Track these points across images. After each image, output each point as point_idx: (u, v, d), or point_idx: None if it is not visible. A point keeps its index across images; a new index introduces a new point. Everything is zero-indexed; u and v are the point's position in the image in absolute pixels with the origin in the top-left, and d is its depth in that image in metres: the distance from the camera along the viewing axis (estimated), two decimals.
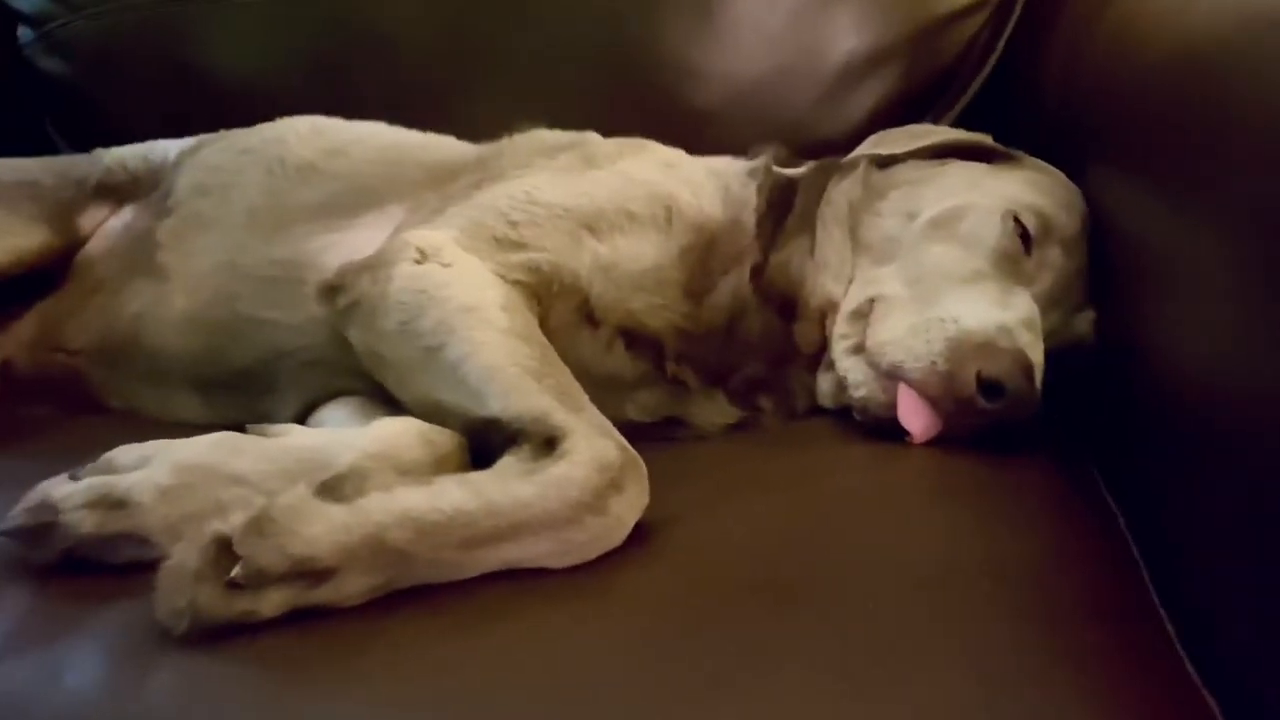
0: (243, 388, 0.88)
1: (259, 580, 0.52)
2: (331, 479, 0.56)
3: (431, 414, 0.68)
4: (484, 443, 0.65)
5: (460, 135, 1.06)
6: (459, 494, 0.56)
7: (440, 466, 0.62)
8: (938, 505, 0.66)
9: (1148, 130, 0.72)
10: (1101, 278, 0.81)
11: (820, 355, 0.84)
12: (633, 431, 0.69)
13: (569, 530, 0.57)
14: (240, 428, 0.67)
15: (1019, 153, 0.91)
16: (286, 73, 1.27)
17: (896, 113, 1.16)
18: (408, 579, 0.56)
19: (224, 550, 0.52)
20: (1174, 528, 0.61)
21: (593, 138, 0.97)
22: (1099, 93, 0.88)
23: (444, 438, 0.64)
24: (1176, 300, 0.64)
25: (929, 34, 1.18)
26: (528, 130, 1.01)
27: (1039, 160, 0.91)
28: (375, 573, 0.54)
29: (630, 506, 0.60)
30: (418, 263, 0.75)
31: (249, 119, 1.09)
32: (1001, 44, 1.18)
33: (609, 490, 0.58)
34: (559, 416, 0.61)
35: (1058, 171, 0.89)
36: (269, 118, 1.08)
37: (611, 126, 1.00)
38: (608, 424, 0.63)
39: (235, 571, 0.52)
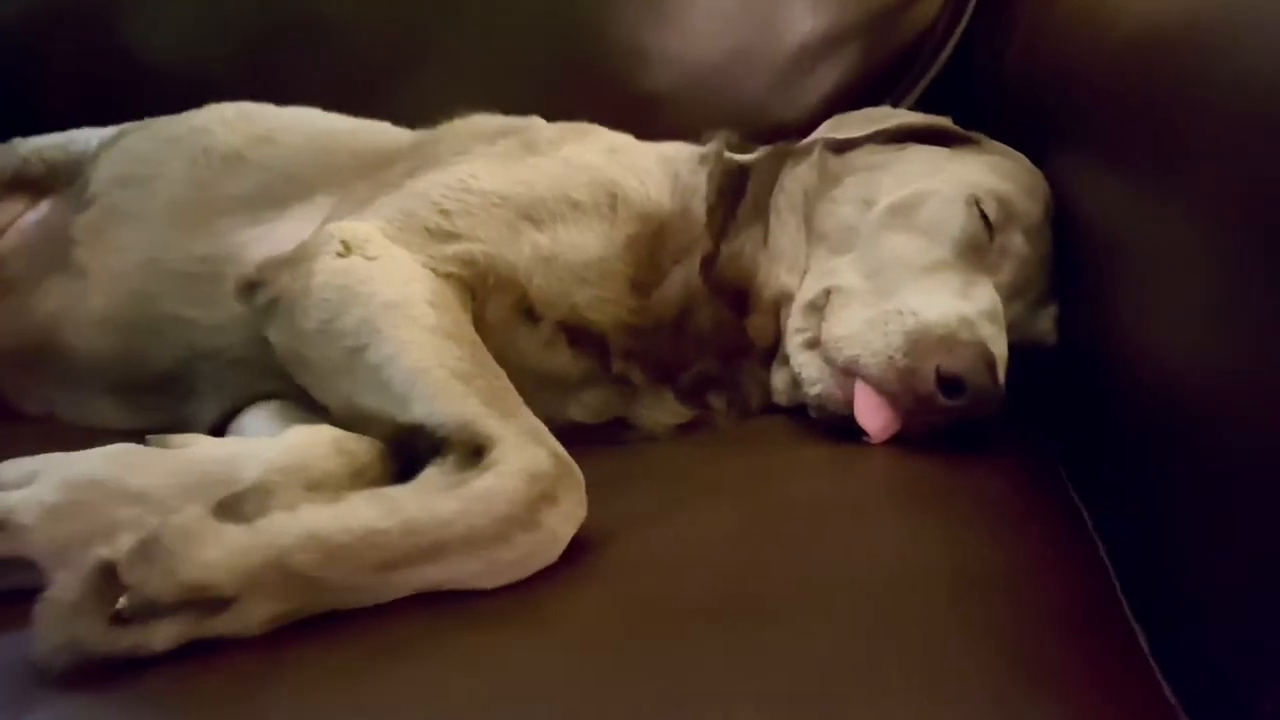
0: (163, 391, 0.83)
1: (148, 611, 0.47)
2: (231, 496, 0.51)
3: (356, 421, 0.63)
4: (410, 452, 0.60)
5: (399, 121, 1.01)
6: (372, 511, 0.51)
7: (358, 479, 0.58)
8: (897, 511, 0.62)
9: (1114, 111, 0.69)
10: (1066, 268, 0.78)
11: (775, 350, 0.80)
12: (577, 434, 0.65)
13: (497, 548, 0.52)
14: (163, 433, 0.62)
15: (980, 136, 0.88)
16: (217, 56, 1.21)
17: (855, 96, 1.12)
18: (318, 605, 0.51)
19: (109, 578, 0.47)
20: (1144, 529, 0.58)
21: (536, 123, 0.92)
22: (1062, 72, 0.84)
23: (363, 447, 0.60)
24: (1146, 291, 0.60)
25: (888, 14, 1.15)
26: (469, 115, 0.96)
27: (1001, 144, 0.87)
28: (279, 600, 0.50)
29: (565, 520, 0.55)
30: (341, 256, 0.70)
31: (178, 105, 1.03)
32: (963, 24, 1.16)
33: (541, 503, 0.54)
34: (487, 423, 0.57)
35: (1020, 155, 0.85)
36: (199, 104, 1.02)
37: (558, 111, 0.95)
38: (542, 430, 0.59)
39: (121, 602, 0.47)
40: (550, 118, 0.94)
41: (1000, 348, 0.71)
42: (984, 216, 0.77)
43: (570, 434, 0.65)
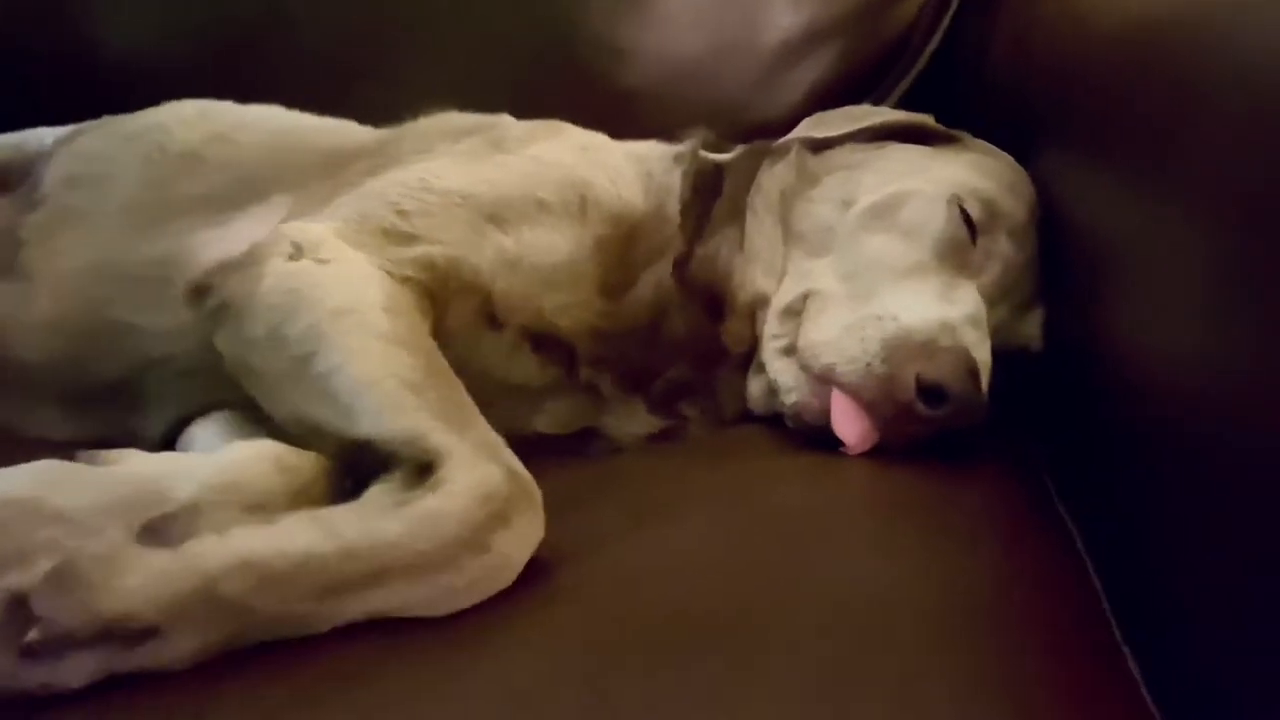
0: (112, 401, 0.79)
1: (62, 645, 0.43)
2: (156, 519, 0.47)
3: (305, 434, 0.60)
4: (361, 469, 0.57)
5: (369, 119, 0.98)
6: (309, 534, 0.48)
7: (300, 498, 0.54)
8: (875, 527, 0.59)
9: (1102, 108, 0.66)
10: (1052, 270, 0.75)
11: (751, 356, 0.77)
12: (543, 446, 0.62)
13: (445, 573, 0.49)
14: (112, 444, 0.58)
15: (962, 134, 0.85)
16: (183, 54, 1.18)
17: (837, 94, 1.09)
18: (251, 635, 0.47)
19: (20, 608, 0.44)
20: (1134, 545, 0.55)
21: (505, 121, 0.89)
22: (1048, 68, 0.82)
23: (308, 463, 0.56)
24: (1136, 294, 0.58)
25: (871, 10, 1.12)
26: (436, 113, 0.93)
27: (984, 142, 0.85)
28: (208, 630, 0.46)
29: (520, 542, 0.52)
30: (292, 259, 0.66)
31: (143, 104, 1.00)
32: (947, 20, 1.13)
33: (493, 524, 0.50)
34: (436, 438, 0.53)
35: (1004, 154, 0.82)
36: (161, 102, 0.99)
37: (532, 108, 0.92)
38: (498, 445, 0.55)
39: (32, 635, 0.43)
40: (524, 115, 0.90)
41: (983, 354, 0.68)
42: (966, 217, 0.74)
43: (536, 446, 0.62)
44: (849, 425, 0.66)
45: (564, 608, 0.52)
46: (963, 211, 0.74)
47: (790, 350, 0.73)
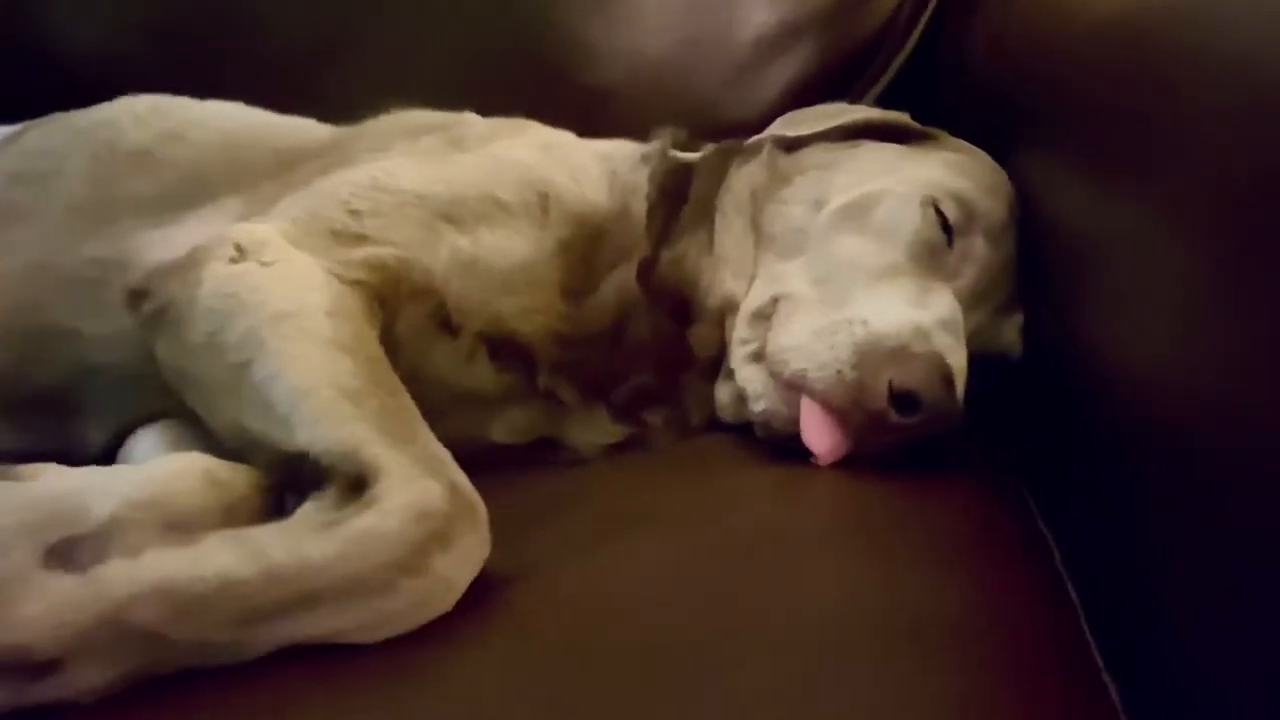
0: (50, 410, 0.75)
1: None
2: (64, 540, 0.44)
3: (244, 447, 0.57)
4: (299, 483, 0.53)
5: (331, 118, 0.94)
6: (230, 556, 0.44)
7: (232, 515, 0.51)
8: (845, 545, 0.56)
9: (1083, 104, 0.64)
10: (1032, 273, 0.72)
11: (719, 362, 0.74)
12: (499, 456, 0.59)
13: (379, 597, 0.46)
14: (53, 456, 0.55)
15: (939, 132, 0.82)
16: (140, 50, 1.13)
17: (813, 91, 1.06)
18: (168, 664, 0.44)
19: None
20: (1117, 562, 0.53)
21: (468, 118, 0.86)
22: (1027, 63, 0.80)
23: (240, 478, 0.53)
24: (1119, 298, 0.56)
25: (847, 7, 1.09)
26: (398, 110, 0.90)
27: (961, 141, 0.82)
28: (119, 661, 0.43)
29: (462, 563, 0.48)
30: (233, 262, 0.63)
31: (98, 100, 0.95)
32: (926, 15, 1.10)
33: (431, 545, 0.47)
34: (373, 451, 0.50)
35: (982, 153, 0.80)
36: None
37: (499, 106, 0.89)
38: (441, 459, 0.52)
39: None
40: (491, 114, 0.87)
41: (958, 359, 0.65)
42: (942, 218, 0.71)
43: (492, 456, 0.59)
44: (819, 435, 0.63)
45: (509, 633, 0.48)
46: (938, 212, 0.72)
47: (759, 356, 0.70)
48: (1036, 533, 0.59)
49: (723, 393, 0.73)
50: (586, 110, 1.00)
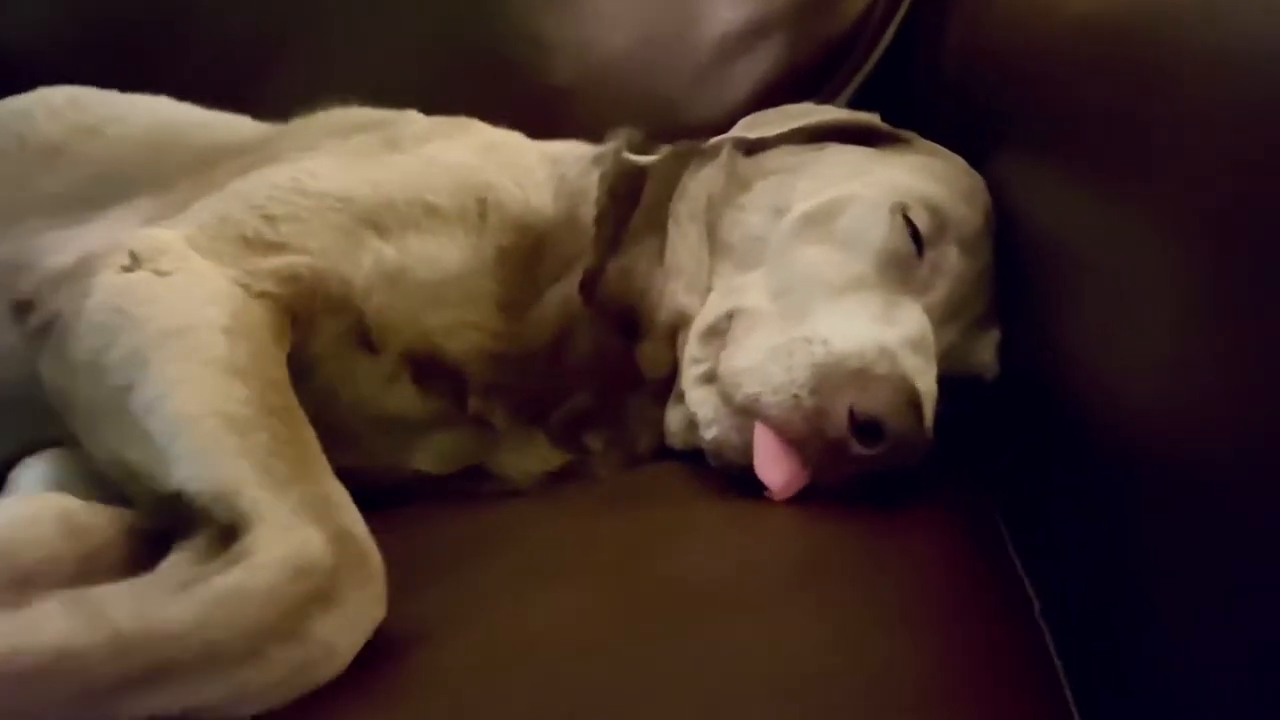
0: None
1: None
2: None
3: (123, 481, 0.50)
4: (180, 527, 0.47)
5: (270, 116, 0.88)
6: (67, 622, 0.38)
7: (88, 568, 0.44)
8: (798, 596, 0.49)
9: (1065, 104, 0.60)
10: (1009, 287, 0.67)
11: (671, 383, 0.68)
12: (423, 488, 0.53)
13: (247, 668, 0.39)
14: None
15: (910, 134, 0.77)
16: (75, 42, 1.08)
17: (782, 92, 1.01)
18: None
19: None
20: (1102, 613, 0.47)
21: (409, 116, 0.80)
22: (1005, 61, 0.75)
23: (102, 523, 0.46)
24: (1104, 316, 0.51)
25: (818, 2, 1.04)
26: (336, 107, 0.84)
27: (933, 144, 0.77)
28: None
29: (347, 625, 0.42)
30: (126, 270, 0.57)
31: (22, 92, 0.90)
32: (901, 12, 1.05)
33: (309, 605, 0.41)
34: (250, 494, 0.44)
35: (956, 157, 0.75)
36: None
37: (449, 106, 0.83)
38: (332, 503, 0.46)
39: None
40: (440, 113, 0.82)
41: (927, 382, 0.59)
42: (912, 226, 0.66)
43: (415, 487, 0.53)
44: (773, 466, 0.57)
45: (410, 703, 0.42)
46: (908, 220, 0.66)
47: (711, 377, 0.64)
48: (1013, 578, 0.54)
49: (673, 417, 0.67)
50: (542, 110, 0.96)
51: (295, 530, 0.42)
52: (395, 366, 0.62)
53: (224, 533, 0.43)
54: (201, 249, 0.60)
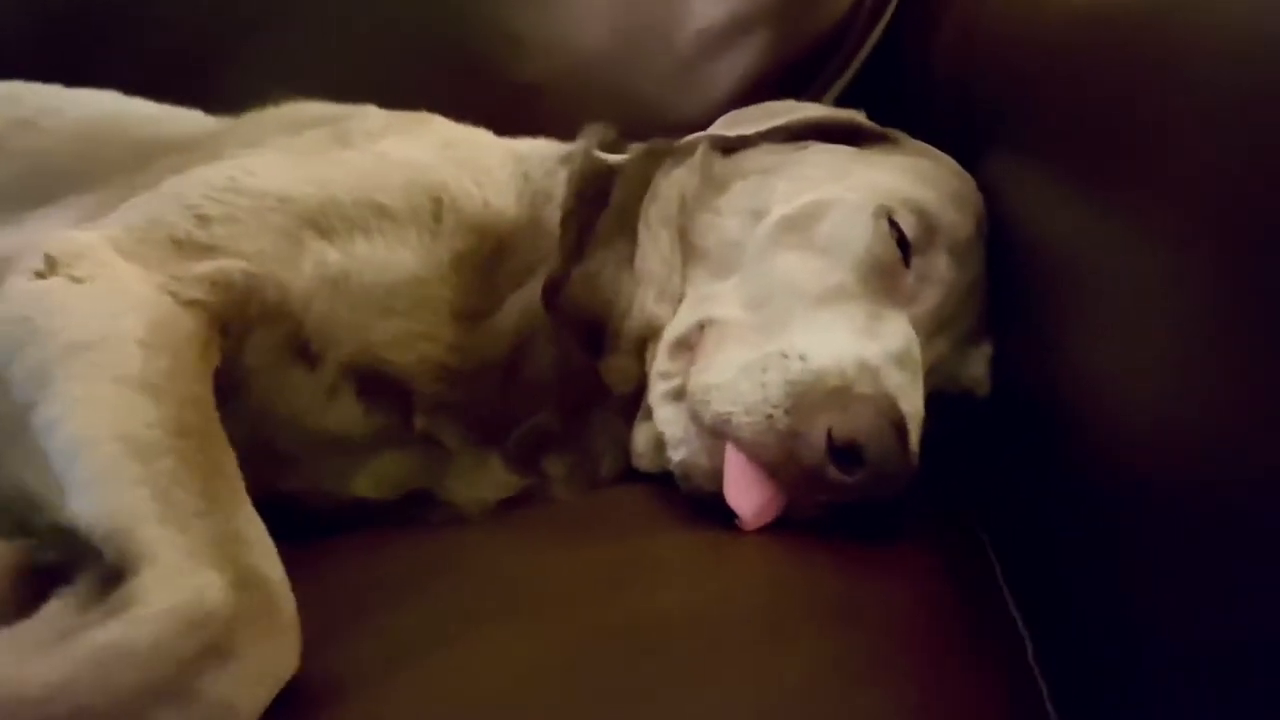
0: None
1: None
2: None
3: (22, 511, 0.45)
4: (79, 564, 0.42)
5: (224, 113, 0.84)
6: None
7: None
8: (771, 640, 0.44)
9: (1063, 102, 0.57)
10: (1003, 298, 0.64)
11: (639, 399, 0.63)
12: (364, 515, 0.48)
13: None
14: None
15: (897, 133, 0.73)
16: (20, 34, 1.02)
17: (765, 90, 0.96)
18: None
19: None
20: (1102, 662, 0.43)
21: (366, 111, 0.76)
22: (999, 56, 0.71)
23: None
24: (1104, 329, 0.48)
25: None
26: (291, 101, 0.79)
27: (922, 143, 0.73)
28: None
29: (249, 682, 0.37)
30: (39, 276, 0.52)
31: None
32: (892, 6, 1.01)
33: (203, 660, 0.36)
34: (144, 531, 0.39)
35: (946, 157, 0.71)
36: None
37: (417, 103, 0.79)
38: (245, 538, 0.41)
39: None
40: (406, 109, 0.77)
41: (913, 402, 0.55)
42: (898, 231, 0.62)
43: (355, 515, 0.48)
44: (743, 493, 0.53)
45: None
46: (894, 225, 0.62)
47: (681, 393, 0.59)
48: (1004, 618, 0.49)
49: (640, 436, 0.62)
50: (512, 108, 0.90)
51: (189, 575, 0.37)
52: (336, 381, 0.58)
53: (111, 575, 0.38)
54: (126, 252, 0.56)
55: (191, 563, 0.38)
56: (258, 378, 0.56)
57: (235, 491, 0.44)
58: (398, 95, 0.80)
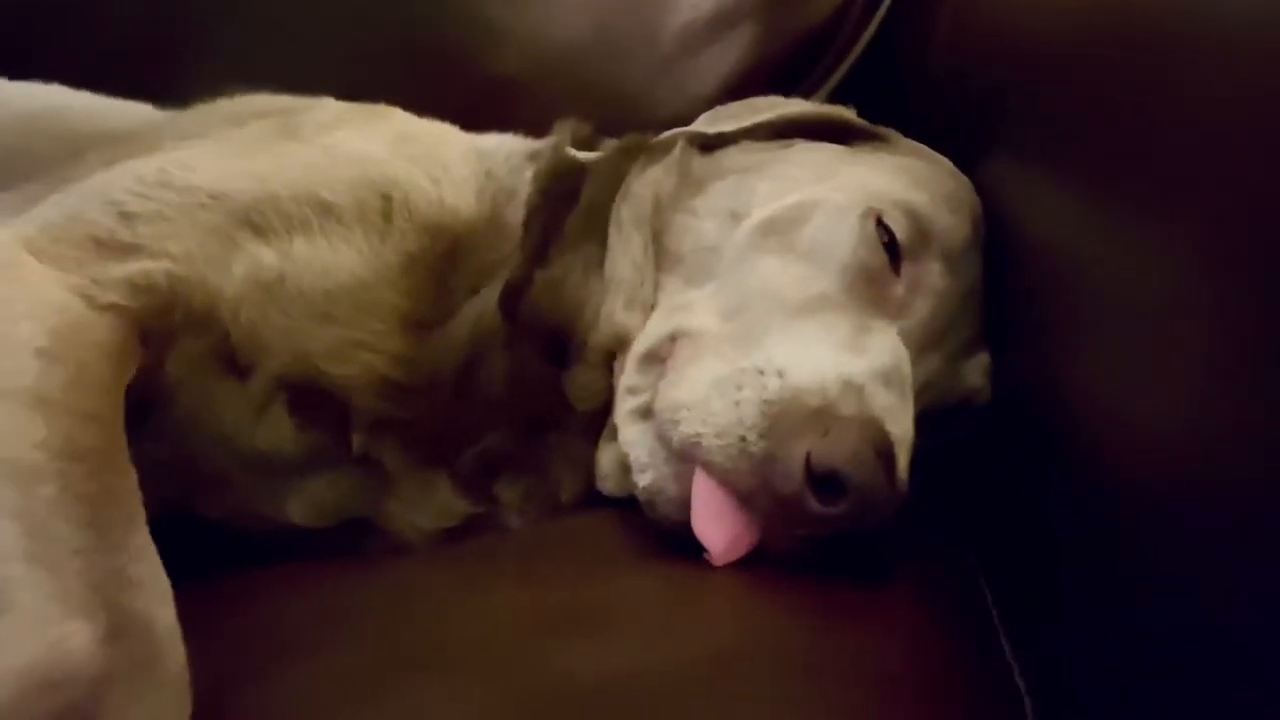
0: None
1: None
2: None
3: None
4: None
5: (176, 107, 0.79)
6: None
7: None
8: (739, 697, 0.39)
9: (1065, 99, 0.54)
10: (1000, 308, 0.60)
11: (605, 416, 0.58)
12: (295, 544, 0.43)
13: None
14: None
15: (889, 131, 0.69)
16: None
17: (753, 87, 0.91)
18: None
19: None
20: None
21: (322, 104, 0.71)
22: (997, 50, 0.68)
23: None
24: (1113, 340, 0.45)
25: None
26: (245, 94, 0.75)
27: (915, 143, 0.68)
28: None
29: None
30: None
31: None
32: (887, 1, 0.96)
33: None
34: (7, 572, 0.33)
35: (941, 158, 0.66)
36: None
37: (380, 97, 0.74)
38: (132, 578, 0.36)
39: None
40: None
41: (901, 425, 0.50)
42: (888, 235, 0.57)
43: (288, 543, 0.43)
44: (713, 525, 0.48)
45: None
46: (883, 229, 0.57)
47: (649, 411, 0.54)
48: (1001, 670, 0.44)
49: (604, 457, 0.57)
50: (489, 103, 0.86)
51: (52, 624, 0.32)
52: (267, 394, 0.52)
53: None
54: (41, 252, 0.51)
55: (57, 609, 0.33)
56: (182, 390, 0.51)
57: (129, 522, 0.39)
58: (365, 89, 0.75)
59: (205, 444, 0.51)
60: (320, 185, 0.57)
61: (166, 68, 0.92)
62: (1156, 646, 0.38)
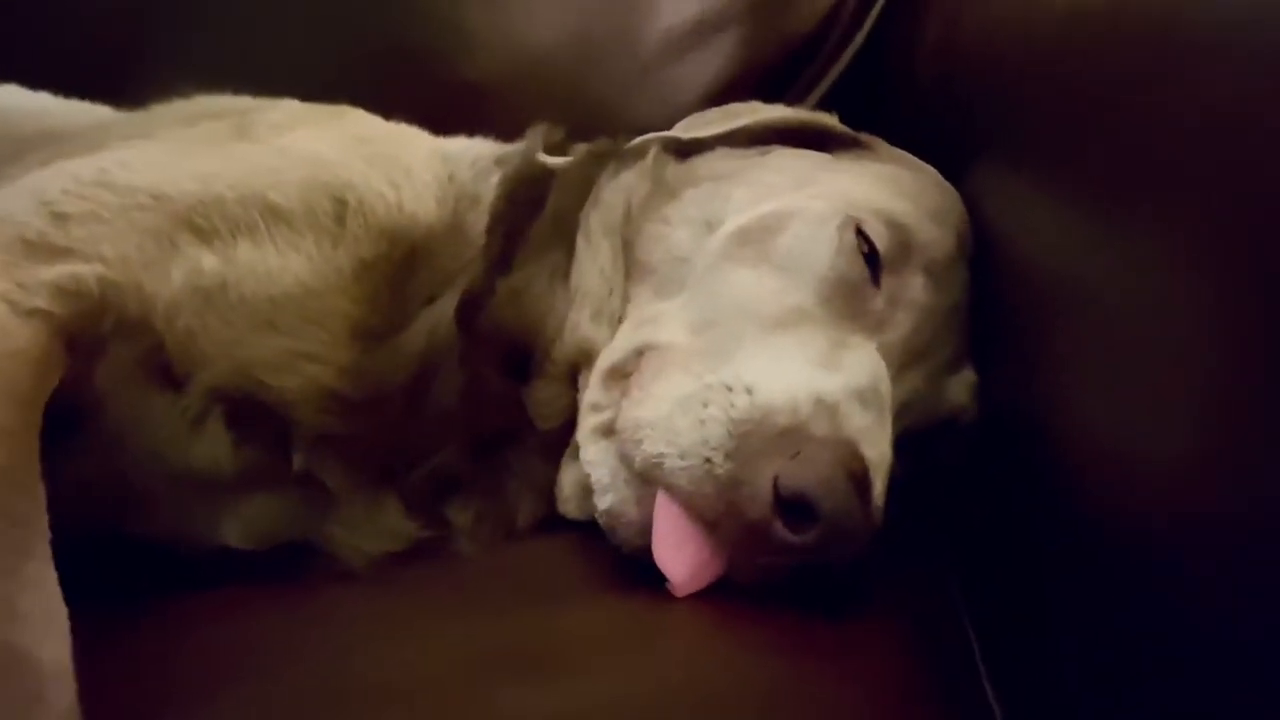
0: None
1: None
2: None
3: None
4: None
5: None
6: None
7: None
8: None
9: (1056, 106, 0.53)
10: (986, 324, 0.58)
11: (568, 434, 0.55)
12: (229, 568, 0.40)
13: None
14: None
15: (871, 139, 0.67)
16: None
17: (737, 95, 0.88)
18: None
19: None
20: None
21: (281, 105, 0.68)
22: (986, 56, 0.66)
23: None
24: (1105, 360, 0.43)
25: None
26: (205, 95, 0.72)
27: (899, 151, 0.66)
28: None
29: None
30: None
31: None
32: (876, 7, 0.94)
33: None
34: None
35: (927, 167, 0.64)
36: None
37: (357, 102, 0.71)
38: (20, 610, 0.33)
39: None
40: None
41: (878, 447, 0.47)
42: (869, 247, 0.54)
43: (223, 566, 0.40)
44: (675, 552, 0.44)
45: None
46: (863, 239, 0.54)
47: (612, 429, 0.51)
48: (982, 705, 0.41)
49: (566, 478, 0.54)
50: (461, 109, 0.84)
51: None
52: (202, 407, 0.49)
53: None
54: None
55: None
56: (111, 402, 0.48)
57: (24, 548, 0.36)
58: (336, 91, 0.73)
59: (135, 460, 0.48)
60: (269, 187, 0.54)
61: (133, 68, 0.89)
62: (1144, 665, 0.35)
